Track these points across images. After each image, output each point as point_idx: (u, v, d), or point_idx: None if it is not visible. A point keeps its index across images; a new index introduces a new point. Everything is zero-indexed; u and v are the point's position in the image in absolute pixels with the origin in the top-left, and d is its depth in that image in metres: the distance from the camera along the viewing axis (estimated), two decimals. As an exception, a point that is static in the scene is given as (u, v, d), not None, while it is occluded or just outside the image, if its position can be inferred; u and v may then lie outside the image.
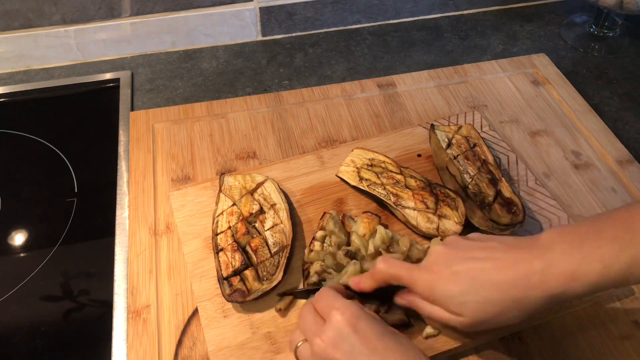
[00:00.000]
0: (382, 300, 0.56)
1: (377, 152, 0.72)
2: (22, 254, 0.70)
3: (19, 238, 0.72)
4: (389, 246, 0.62)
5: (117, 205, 0.73)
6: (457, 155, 0.69)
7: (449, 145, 0.70)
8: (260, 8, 0.97)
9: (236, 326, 0.58)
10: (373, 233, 0.63)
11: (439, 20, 1.05)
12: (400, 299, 0.55)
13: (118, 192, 0.75)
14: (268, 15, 0.98)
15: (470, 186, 0.66)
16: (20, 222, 0.73)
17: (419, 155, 0.75)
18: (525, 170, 0.73)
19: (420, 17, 1.05)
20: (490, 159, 0.69)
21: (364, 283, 0.55)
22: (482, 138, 0.72)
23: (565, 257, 0.46)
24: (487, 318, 0.48)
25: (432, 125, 0.73)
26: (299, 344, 0.50)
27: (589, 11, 1.05)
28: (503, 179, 0.67)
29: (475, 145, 0.71)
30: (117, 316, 0.62)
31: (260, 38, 1.01)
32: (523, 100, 0.85)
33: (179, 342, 0.59)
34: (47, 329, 0.62)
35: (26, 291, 0.65)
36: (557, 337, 0.59)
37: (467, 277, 0.48)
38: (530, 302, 0.46)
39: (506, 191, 0.66)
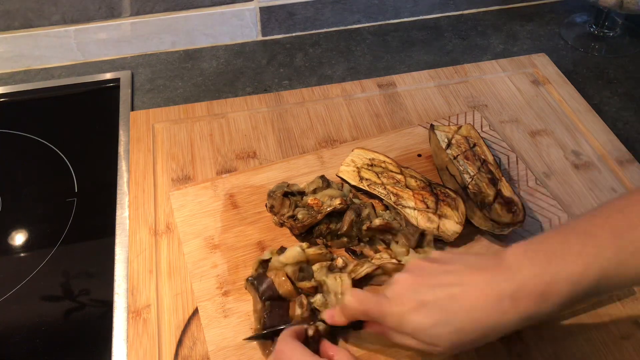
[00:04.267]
0: (354, 328, 0.55)
1: (377, 152, 0.72)
2: (22, 254, 0.70)
3: (19, 238, 0.72)
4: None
5: (117, 205, 0.73)
6: (457, 156, 0.69)
7: (449, 145, 0.70)
8: (260, 8, 0.97)
9: (236, 326, 0.58)
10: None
11: (439, 20, 1.05)
12: (370, 328, 0.53)
13: (118, 192, 0.74)
14: (268, 15, 0.98)
15: (470, 186, 0.66)
16: (20, 222, 0.73)
17: (419, 155, 0.75)
18: (525, 170, 0.73)
19: (421, 17, 1.05)
20: (490, 158, 0.69)
21: (337, 318, 0.53)
22: (482, 138, 0.72)
23: (533, 279, 0.45)
24: (463, 346, 0.48)
25: (432, 126, 0.73)
26: None
27: (589, 11, 1.05)
28: (503, 178, 0.67)
29: (475, 145, 0.71)
30: (117, 316, 0.62)
31: (260, 38, 1.01)
32: (523, 100, 0.85)
33: (179, 342, 0.59)
34: (47, 329, 0.62)
35: (26, 291, 0.65)
36: (557, 337, 0.59)
37: (437, 307, 0.47)
38: (504, 326, 0.46)
39: (506, 191, 0.66)
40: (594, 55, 0.97)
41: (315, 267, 0.61)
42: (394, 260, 0.61)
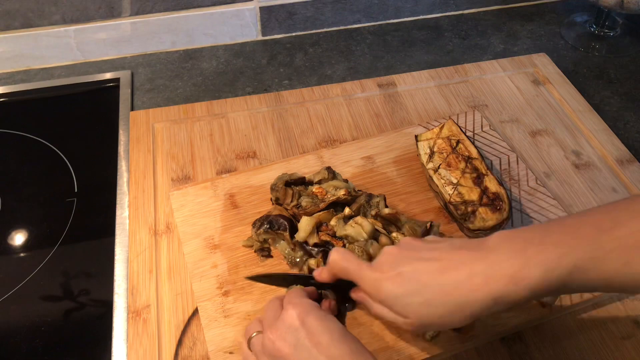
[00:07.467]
0: (343, 293, 0.56)
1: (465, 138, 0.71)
2: (22, 254, 0.70)
3: (19, 238, 0.72)
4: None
5: (117, 205, 0.73)
6: (439, 166, 0.68)
7: (432, 155, 0.69)
8: (260, 7, 0.97)
9: (236, 326, 0.58)
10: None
11: (439, 19, 1.05)
12: (354, 294, 0.55)
13: (118, 192, 0.74)
14: (268, 15, 0.98)
15: (452, 199, 0.65)
16: (20, 222, 0.73)
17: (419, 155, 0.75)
18: (525, 170, 0.73)
19: (421, 17, 1.05)
20: (474, 153, 0.68)
21: (323, 274, 0.55)
22: (462, 132, 0.71)
23: (508, 260, 0.45)
24: (431, 320, 0.47)
25: (416, 137, 0.72)
26: (253, 335, 0.51)
27: (589, 10, 1.05)
28: (489, 171, 0.66)
29: (458, 142, 0.70)
30: (117, 316, 0.62)
31: (260, 38, 1.01)
32: (523, 100, 0.85)
33: (179, 342, 0.59)
34: (47, 329, 0.62)
35: (26, 291, 0.65)
36: (557, 337, 0.59)
37: (411, 278, 0.48)
38: (473, 305, 0.46)
39: (492, 185, 0.65)
40: (594, 55, 0.97)
41: (332, 222, 0.63)
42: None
